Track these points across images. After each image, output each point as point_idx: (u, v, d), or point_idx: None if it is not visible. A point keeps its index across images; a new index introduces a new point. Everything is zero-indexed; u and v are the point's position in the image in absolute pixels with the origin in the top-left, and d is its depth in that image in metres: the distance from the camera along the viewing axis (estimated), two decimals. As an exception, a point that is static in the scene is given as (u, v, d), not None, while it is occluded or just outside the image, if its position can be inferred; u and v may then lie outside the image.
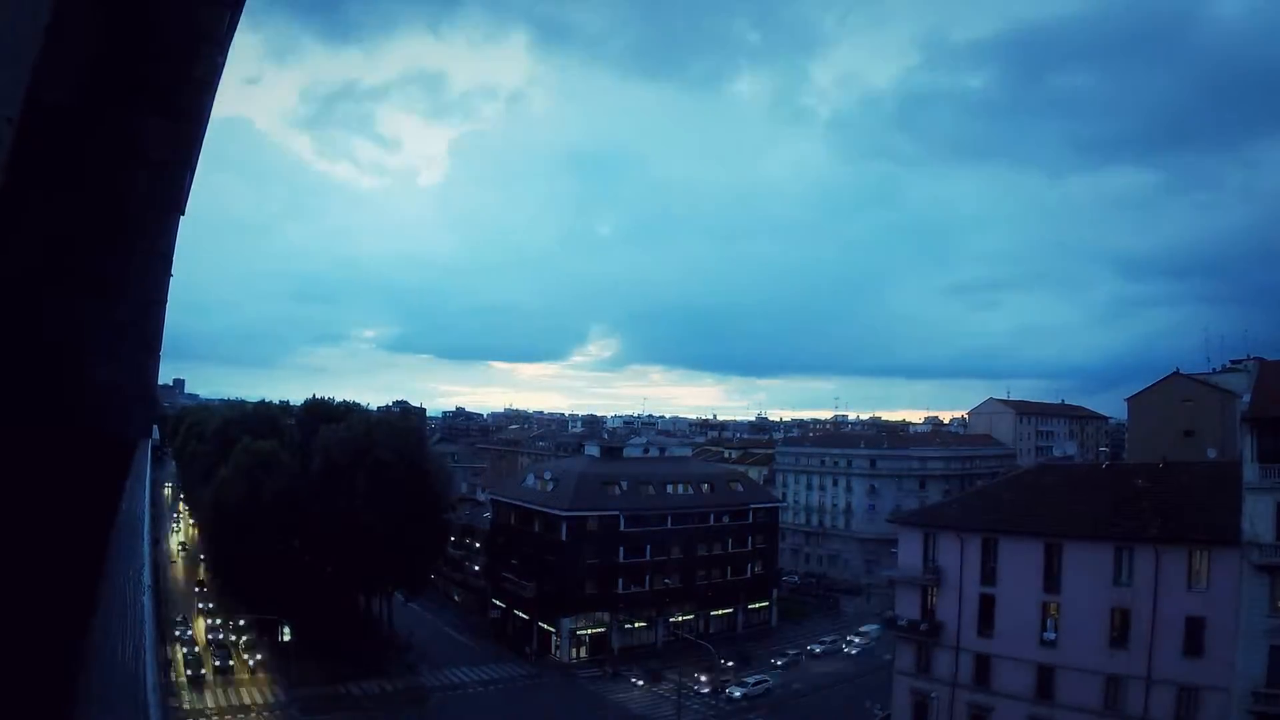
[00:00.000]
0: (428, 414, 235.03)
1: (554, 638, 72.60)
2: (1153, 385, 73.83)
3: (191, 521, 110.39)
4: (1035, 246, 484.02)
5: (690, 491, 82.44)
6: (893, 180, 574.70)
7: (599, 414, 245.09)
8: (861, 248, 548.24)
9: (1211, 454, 55.60)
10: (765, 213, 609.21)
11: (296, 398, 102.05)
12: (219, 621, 72.03)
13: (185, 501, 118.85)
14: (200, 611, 75.98)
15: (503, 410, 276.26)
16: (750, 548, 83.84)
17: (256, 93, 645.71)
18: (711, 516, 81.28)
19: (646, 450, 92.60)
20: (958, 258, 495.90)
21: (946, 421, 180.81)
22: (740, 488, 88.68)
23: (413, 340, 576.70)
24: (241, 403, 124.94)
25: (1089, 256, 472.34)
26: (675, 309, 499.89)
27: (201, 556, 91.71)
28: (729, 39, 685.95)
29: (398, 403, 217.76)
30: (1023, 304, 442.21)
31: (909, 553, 52.21)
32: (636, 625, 75.29)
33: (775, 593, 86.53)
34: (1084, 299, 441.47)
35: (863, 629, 76.54)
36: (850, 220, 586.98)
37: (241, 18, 4.72)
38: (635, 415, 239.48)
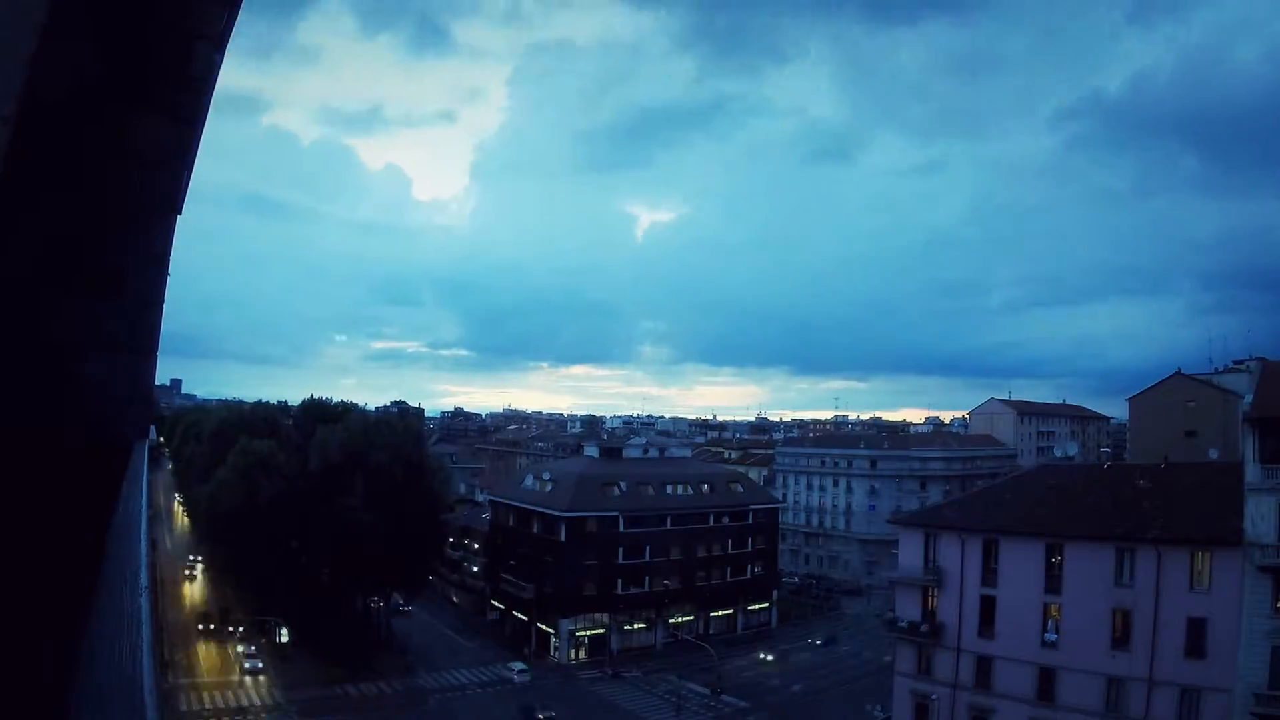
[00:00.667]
0: (426, 414, 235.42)
1: (553, 639, 72.59)
2: (1154, 385, 73.78)
3: (188, 521, 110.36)
4: (1147, 261, 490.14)
5: (690, 492, 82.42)
6: (1036, 198, 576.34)
7: (598, 414, 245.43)
8: (976, 261, 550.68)
9: (1213, 454, 55.60)
10: (915, 222, 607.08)
11: (295, 398, 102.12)
12: (215, 623, 71.92)
13: (182, 502, 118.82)
14: (197, 610, 75.91)
15: (501, 411, 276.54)
16: (750, 549, 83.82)
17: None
18: (711, 517, 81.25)
19: (646, 451, 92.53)
20: (1065, 269, 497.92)
21: (947, 422, 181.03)
22: (740, 488, 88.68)
23: (467, 340, 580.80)
24: (239, 403, 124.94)
25: (1188, 273, 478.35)
26: (756, 314, 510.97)
27: (195, 558, 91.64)
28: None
29: (395, 403, 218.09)
30: (1110, 311, 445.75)
31: (909, 554, 52.22)
32: (636, 627, 75.30)
33: (775, 594, 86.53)
34: (1166, 307, 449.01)
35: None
36: (980, 231, 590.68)
37: (240, 15, 4.71)
38: (635, 416, 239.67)
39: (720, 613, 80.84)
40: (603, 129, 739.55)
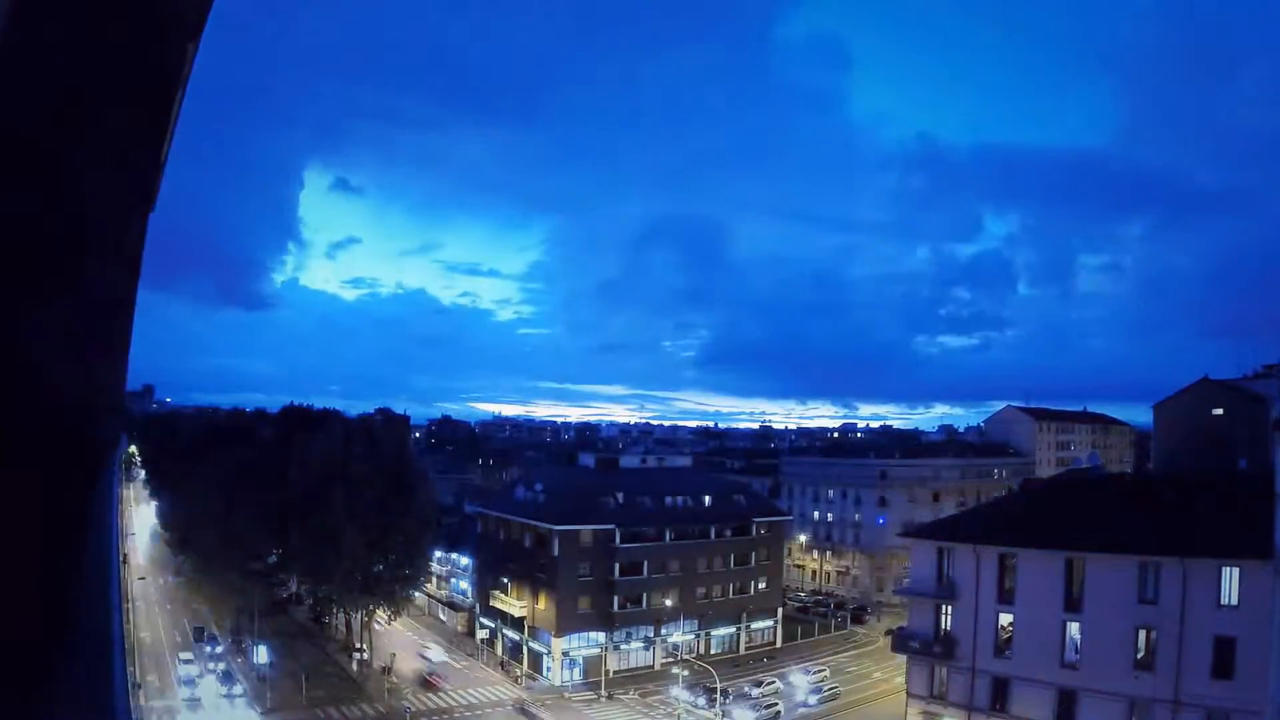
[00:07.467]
0: (412, 421, 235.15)
1: (545, 659, 72.45)
2: (1180, 391, 73.74)
3: (164, 535, 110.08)
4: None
5: (690, 504, 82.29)
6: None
7: (593, 421, 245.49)
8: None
9: (1242, 464, 55.68)
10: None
11: (274, 404, 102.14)
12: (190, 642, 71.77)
13: (157, 515, 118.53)
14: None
15: (491, 418, 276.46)
16: (753, 563, 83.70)
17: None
18: (712, 530, 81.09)
19: (644, 460, 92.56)
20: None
21: (961, 430, 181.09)
22: (743, 500, 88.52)
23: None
24: (214, 410, 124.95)
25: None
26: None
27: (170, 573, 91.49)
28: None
29: (380, 409, 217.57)
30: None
31: (922, 568, 52.28)
32: (632, 645, 75.18)
33: (780, 611, 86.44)
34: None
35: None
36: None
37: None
38: (632, 424, 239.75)
39: (722, 631, 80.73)
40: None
